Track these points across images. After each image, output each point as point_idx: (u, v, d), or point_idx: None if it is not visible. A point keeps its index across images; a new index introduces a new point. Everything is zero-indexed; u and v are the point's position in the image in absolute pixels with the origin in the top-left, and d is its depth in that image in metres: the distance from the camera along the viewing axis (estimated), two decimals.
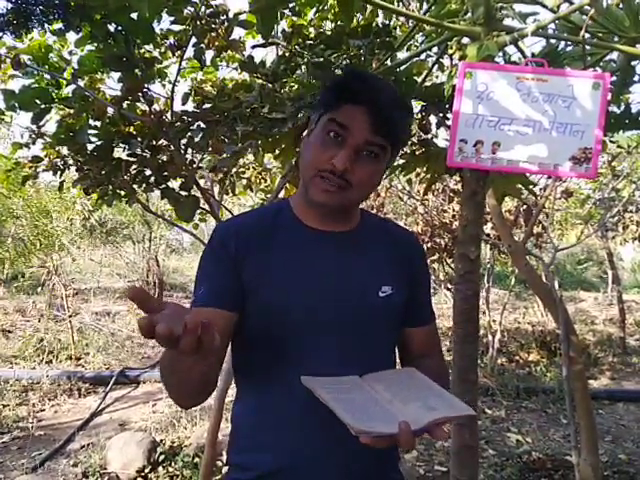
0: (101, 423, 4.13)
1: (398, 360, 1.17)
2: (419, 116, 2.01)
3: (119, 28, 1.80)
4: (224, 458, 3.00)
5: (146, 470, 3.15)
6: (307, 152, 1.01)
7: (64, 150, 2.23)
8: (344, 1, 1.20)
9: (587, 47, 1.56)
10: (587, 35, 1.53)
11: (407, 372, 1.00)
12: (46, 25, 1.71)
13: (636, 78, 1.75)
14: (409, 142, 2.05)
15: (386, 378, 0.96)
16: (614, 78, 1.72)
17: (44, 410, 4.38)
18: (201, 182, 2.91)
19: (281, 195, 2.52)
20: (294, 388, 0.97)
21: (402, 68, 1.87)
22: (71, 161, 2.24)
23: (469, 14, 1.43)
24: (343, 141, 0.95)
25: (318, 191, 0.97)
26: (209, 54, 2.23)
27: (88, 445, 3.62)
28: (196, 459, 3.16)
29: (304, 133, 1.07)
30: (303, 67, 1.89)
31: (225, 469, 2.78)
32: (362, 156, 0.96)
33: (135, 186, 2.22)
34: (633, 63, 1.71)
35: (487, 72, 1.32)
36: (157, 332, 0.62)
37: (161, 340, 0.63)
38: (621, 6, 1.53)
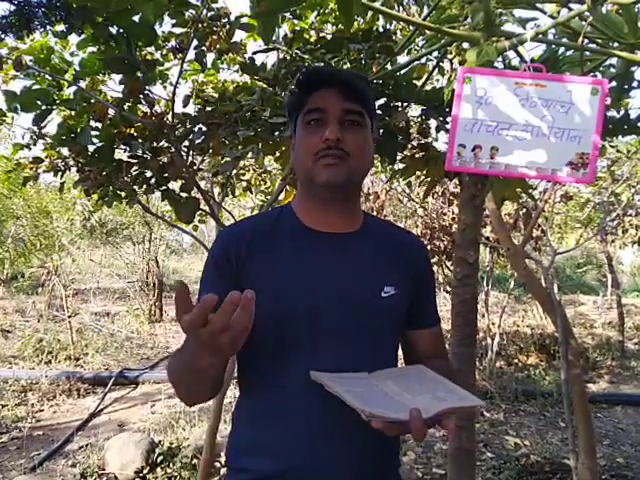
0: (100, 424, 4.13)
1: (402, 363, 1.18)
2: (419, 120, 2.02)
3: (121, 30, 1.81)
4: (222, 459, 3.00)
5: (144, 471, 3.15)
6: (298, 151, 1.05)
7: (65, 151, 2.24)
8: (344, 5, 1.21)
9: (586, 53, 1.57)
10: (586, 41, 1.54)
11: (415, 369, 1.01)
12: (48, 27, 1.72)
13: (635, 84, 1.77)
14: (409, 146, 2.06)
15: (394, 374, 0.97)
16: (613, 83, 1.73)
17: (43, 410, 4.38)
18: (201, 184, 2.91)
19: (281, 197, 2.53)
20: (295, 390, 0.98)
21: (402, 72, 1.88)
22: (72, 162, 2.25)
23: (469, 19, 1.44)
24: (324, 121, 1.01)
25: (322, 170, 0.99)
26: (210, 57, 2.24)
27: (86, 446, 3.62)
28: (194, 460, 3.16)
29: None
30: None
31: (223, 470, 2.79)
32: (346, 126, 1.01)
33: (135, 187, 2.23)
34: (632, 69, 1.72)
35: (486, 77, 1.33)
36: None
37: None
38: (620, 12, 1.54)
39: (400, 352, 1.16)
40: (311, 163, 1.00)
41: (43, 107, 2.04)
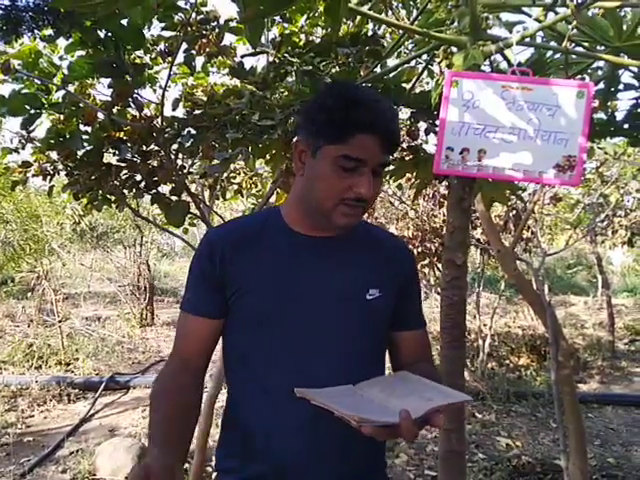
0: (90, 429, 4.10)
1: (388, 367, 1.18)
2: (408, 123, 2.03)
3: (109, 34, 1.81)
4: (214, 463, 2.99)
5: None
6: (320, 185, 0.98)
7: (54, 155, 2.23)
8: (331, 9, 1.22)
9: (573, 56, 1.59)
10: (573, 44, 1.55)
11: (399, 375, 1.02)
12: (36, 31, 1.72)
13: (621, 86, 1.78)
14: (399, 148, 2.07)
15: (379, 382, 0.97)
16: (601, 86, 1.75)
17: (33, 416, 4.34)
18: (192, 187, 2.91)
19: (272, 200, 2.53)
20: (281, 392, 0.98)
21: (391, 75, 1.88)
22: (61, 166, 2.24)
23: (456, 23, 1.45)
24: (358, 168, 0.95)
25: (341, 217, 0.98)
26: (200, 60, 2.24)
27: (77, 451, 3.59)
28: (186, 464, 3.15)
29: (293, 147, 1.04)
30: (293, 74, 1.90)
31: (215, 474, 2.77)
32: (375, 175, 0.98)
33: (125, 191, 2.22)
34: (618, 71, 1.73)
35: (473, 81, 1.34)
36: None
37: None
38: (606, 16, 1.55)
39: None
40: (331, 205, 0.97)
41: (32, 111, 2.03)
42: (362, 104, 0.95)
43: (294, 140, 1.08)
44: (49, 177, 2.30)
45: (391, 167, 2.15)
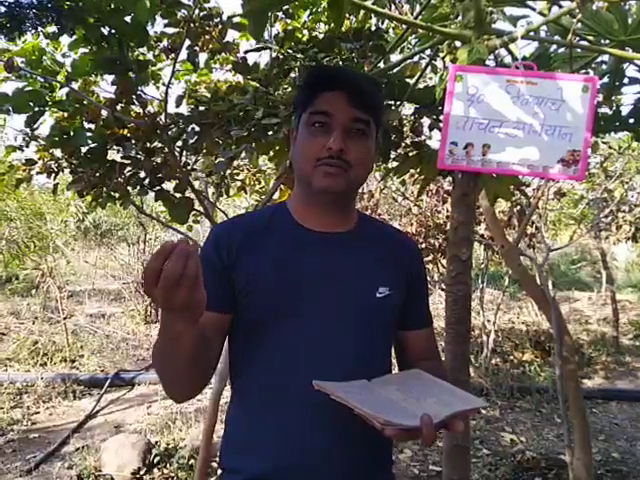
0: (96, 425, 4.12)
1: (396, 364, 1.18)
2: (412, 118, 2.02)
3: (112, 31, 1.81)
4: (218, 460, 3.00)
5: (141, 472, 3.15)
6: (298, 150, 1.02)
7: (58, 153, 2.24)
8: (334, 4, 1.21)
9: (577, 50, 1.58)
10: (578, 38, 1.55)
11: (413, 373, 1.01)
12: (39, 28, 1.72)
13: (626, 80, 1.78)
14: (402, 144, 2.07)
15: (395, 380, 0.97)
16: (605, 80, 1.74)
17: (39, 413, 4.36)
18: (195, 184, 2.91)
19: (275, 196, 2.52)
20: (285, 391, 0.97)
21: (395, 70, 1.88)
22: (65, 164, 2.24)
23: (460, 18, 1.44)
24: (329, 126, 0.98)
25: (321, 177, 0.98)
26: (203, 56, 2.24)
27: (83, 447, 3.60)
28: (191, 461, 3.16)
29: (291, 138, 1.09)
30: (296, 70, 1.90)
31: (220, 471, 2.79)
32: (352, 135, 0.99)
33: (129, 188, 2.23)
34: (623, 65, 1.73)
35: (477, 75, 1.33)
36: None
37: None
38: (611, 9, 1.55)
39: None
40: (311, 168, 0.99)
41: (35, 109, 2.03)
42: (325, 68, 1.05)
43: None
44: (53, 175, 2.30)
45: (395, 163, 2.15)
